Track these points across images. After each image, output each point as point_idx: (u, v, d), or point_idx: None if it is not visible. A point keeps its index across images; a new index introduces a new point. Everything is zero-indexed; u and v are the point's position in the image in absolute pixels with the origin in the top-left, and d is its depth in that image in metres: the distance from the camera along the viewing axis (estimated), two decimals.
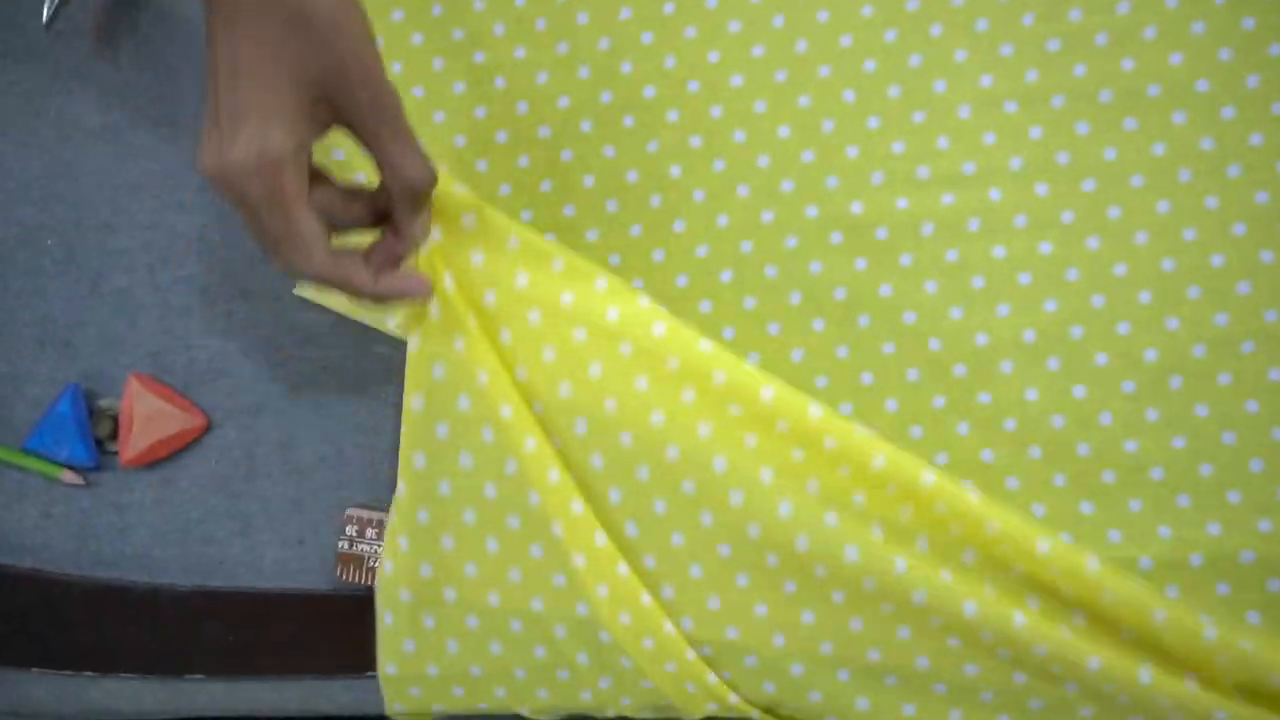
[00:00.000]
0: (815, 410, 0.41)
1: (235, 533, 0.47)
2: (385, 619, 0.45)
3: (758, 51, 0.45)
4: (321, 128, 0.37)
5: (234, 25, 0.35)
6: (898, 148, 0.44)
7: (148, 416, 0.47)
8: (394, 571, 0.45)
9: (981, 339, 0.43)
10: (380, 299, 0.40)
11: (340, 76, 0.36)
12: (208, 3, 0.36)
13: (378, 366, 0.47)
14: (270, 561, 0.47)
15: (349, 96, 0.36)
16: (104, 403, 0.48)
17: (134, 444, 0.47)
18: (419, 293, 0.41)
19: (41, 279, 0.49)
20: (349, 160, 0.46)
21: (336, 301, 0.47)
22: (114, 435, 0.47)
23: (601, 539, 0.43)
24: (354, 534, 0.46)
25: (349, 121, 0.37)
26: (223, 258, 0.48)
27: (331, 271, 0.38)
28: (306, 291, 0.47)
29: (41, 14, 0.48)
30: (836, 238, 0.44)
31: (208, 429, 0.47)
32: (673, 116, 0.46)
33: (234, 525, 0.47)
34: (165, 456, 0.47)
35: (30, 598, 0.48)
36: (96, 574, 0.48)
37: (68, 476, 0.48)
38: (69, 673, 0.48)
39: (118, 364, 0.48)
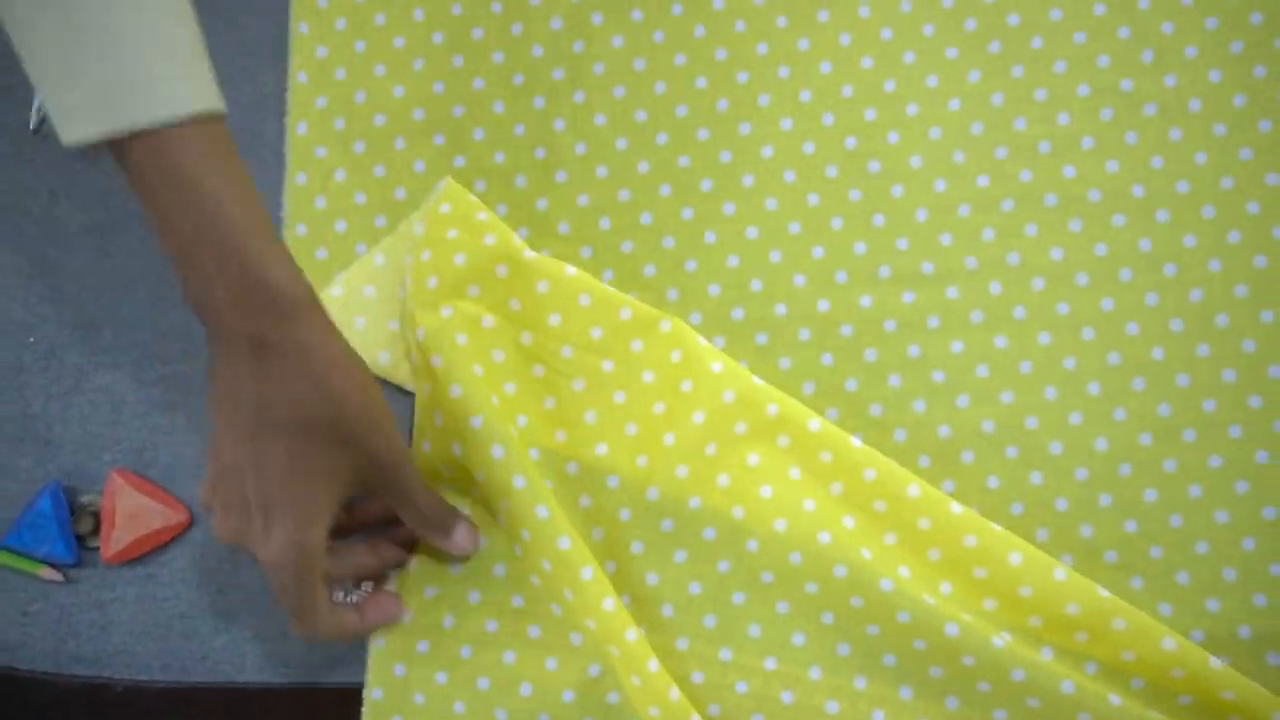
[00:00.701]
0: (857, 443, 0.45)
1: (218, 627, 0.48)
2: (374, 695, 0.45)
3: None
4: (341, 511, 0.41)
5: (276, 427, 0.37)
6: (859, 248, 0.47)
7: (130, 513, 0.47)
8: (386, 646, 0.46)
9: (944, 430, 0.45)
10: (369, 630, 0.44)
11: (374, 471, 0.40)
12: (224, 388, 0.38)
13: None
14: (253, 656, 0.47)
15: (380, 480, 0.40)
16: (85, 499, 0.48)
17: (116, 540, 0.47)
18: (396, 617, 0.45)
19: (23, 376, 0.50)
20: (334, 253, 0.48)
21: None
22: (95, 531, 0.48)
23: (610, 604, 0.43)
24: None
25: (375, 493, 0.42)
26: (207, 353, 0.49)
27: (330, 629, 0.41)
28: None
29: (29, 119, 0.49)
30: (804, 334, 0.46)
31: (190, 524, 0.48)
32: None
33: (216, 620, 0.48)
34: (148, 552, 0.48)
35: (7, 697, 0.48)
36: (76, 671, 0.48)
37: (47, 573, 0.48)
38: None
39: (99, 460, 0.49)
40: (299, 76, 0.50)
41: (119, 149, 0.34)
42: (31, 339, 0.50)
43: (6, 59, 0.47)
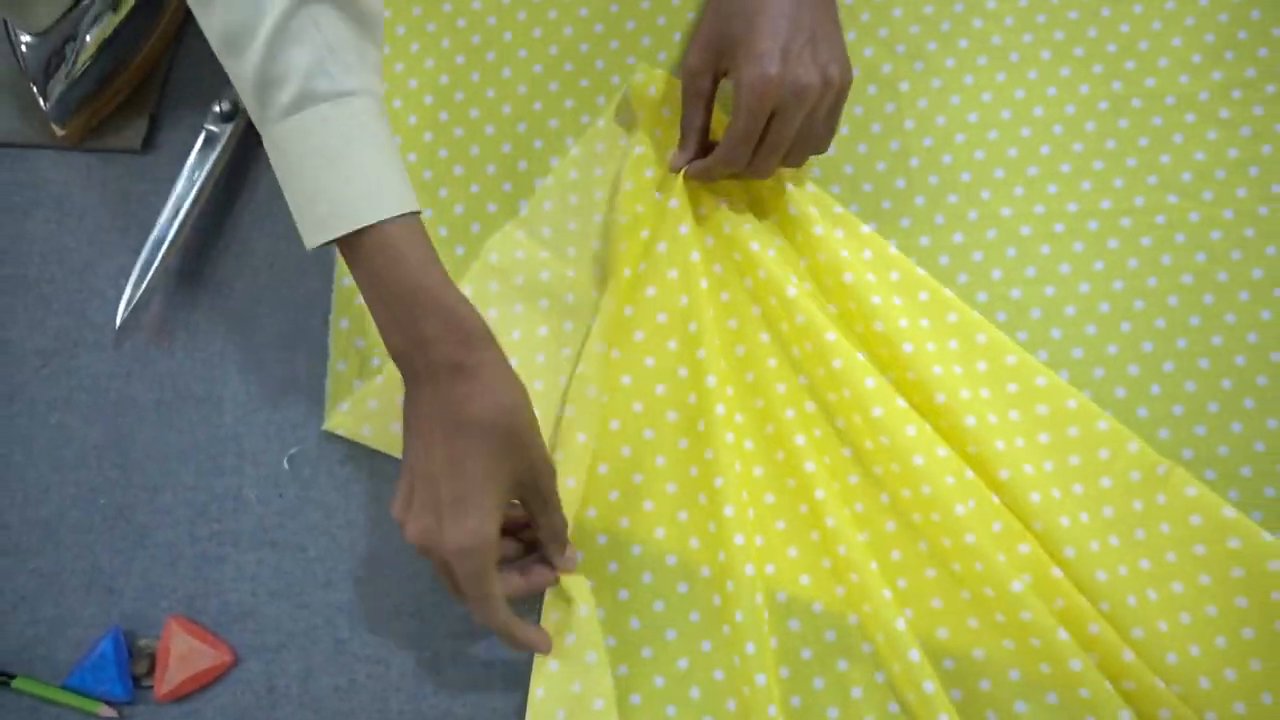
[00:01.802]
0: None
1: None
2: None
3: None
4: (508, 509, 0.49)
5: (463, 438, 0.46)
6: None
7: (182, 655, 0.54)
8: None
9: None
10: (525, 648, 0.51)
11: (532, 476, 0.49)
12: (420, 393, 0.47)
13: (386, 605, 0.55)
14: None
15: (532, 486, 0.49)
16: (143, 642, 0.55)
17: (169, 680, 0.54)
18: (544, 648, 0.52)
19: (93, 534, 0.57)
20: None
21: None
22: (150, 671, 0.54)
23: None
24: None
25: (524, 498, 0.50)
26: (255, 513, 0.57)
27: (504, 624, 0.49)
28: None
29: (115, 317, 0.59)
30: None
31: (235, 664, 0.55)
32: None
33: None
34: (196, 690, 0.54)
35: None
36: None
37: (104, 711, 0.54)
38: None
39: (157, 607, 0.56)
40: (343, 281, 0.60)
41: (348, 245, 0.46)
42: (102, 501, 0.58)
43: (100, 271, 0.58)
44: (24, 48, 0.59)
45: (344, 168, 0.45)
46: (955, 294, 0.58)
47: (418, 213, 0.47)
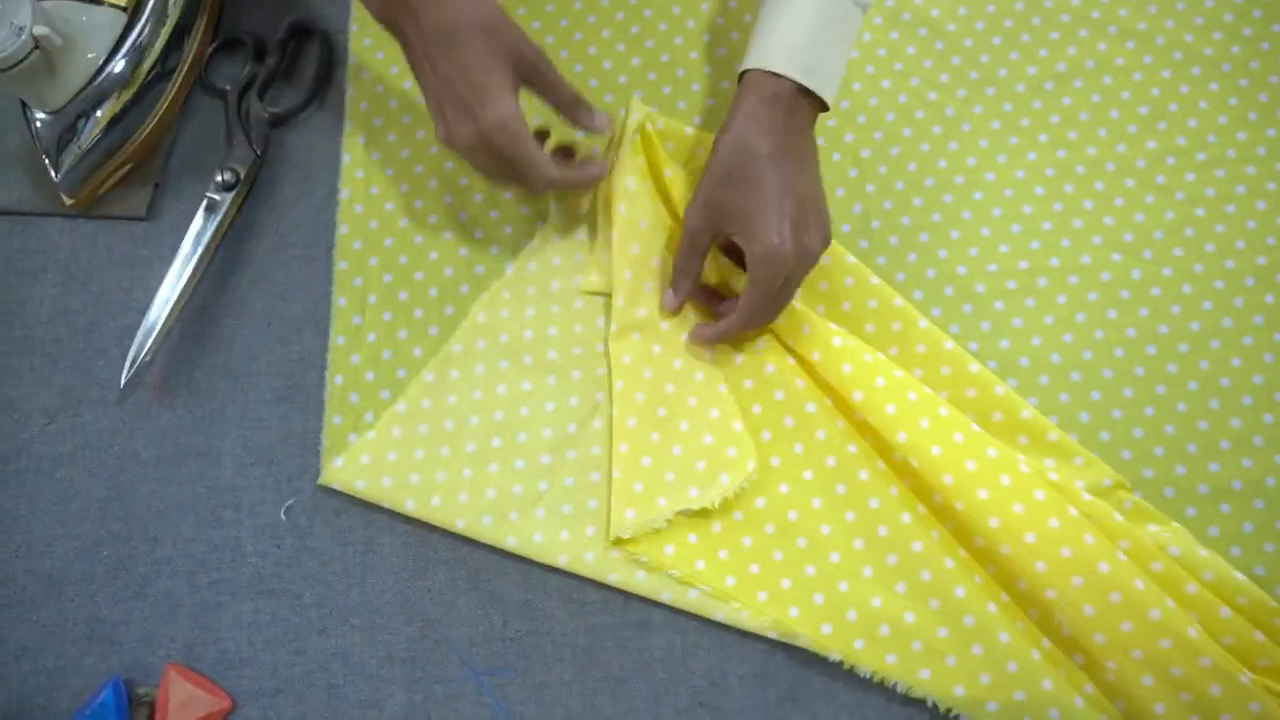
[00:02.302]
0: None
1: None
2: None
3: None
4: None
5: (452, 44, 0.54)
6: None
7: (181, 702, 0.56)
8: None
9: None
10: (583, 184, 0.61)
11: (527, 58, 0.56)
12: (413, 37, 0.55)
13: (379, 651, 0.57)
14: None
15: (531, 70, 0.57)
16: (142, 690, 0.57)
17: None
18: (603, 174, 0.62)
19: (95, 585, 0.59)
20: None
21: None
22: (150, 719, 0.56)
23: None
24: None
25: (530, 83, 0.57)
26: (252, 563, 0.59)
27: (562, 175, 0.58)
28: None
29: (119, 375, 0.61)
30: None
31: (233, 709, 0.57)
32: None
33: None
34: None
35: None
36: None
37: None
38: None
39: (156, 655, 0.58)
40: (338, 340, 0.63)
41: None
42: (105, 553, 0.60)
43: (105, 331, 0.61)
44: (39, 124, 0.63)
45: None
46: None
47: None
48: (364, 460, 0.60)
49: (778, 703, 0.55)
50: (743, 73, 0.57)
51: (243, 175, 0.65)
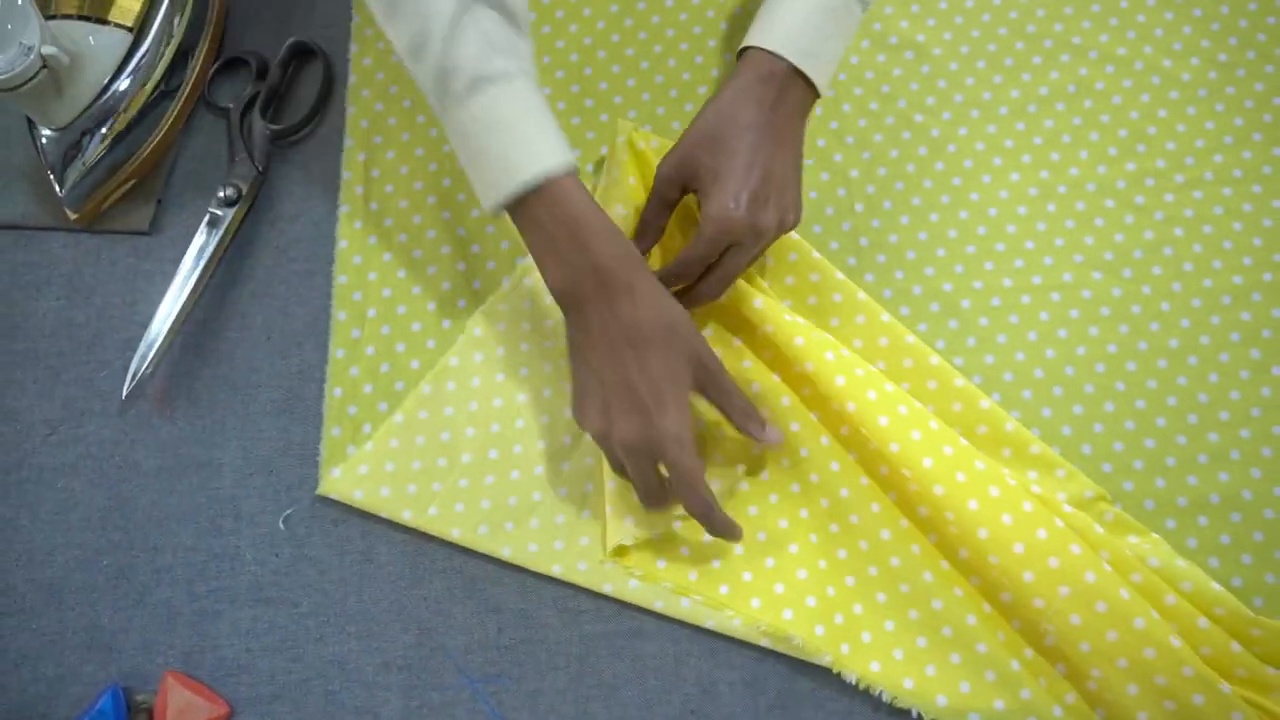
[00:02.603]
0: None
1: None
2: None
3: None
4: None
5: (642, 343, 0.54)
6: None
7: (179, 708, 0.57)
8: None
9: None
10: (722, 531, 0.56)
11: (704, 372, 0.55)
12: (598, 325, 0.54)
13: (376, 658, 0.58)
14: None
15: (708, 379, 0.55)
16: (140, 697, 0.58)
17: None
18: (737, 535, 0.57)
19: (95, 593, 0.60)
20: None
21: None
22: None
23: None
24: None
25: (704, 391, 0.56)
26: (250, 572, 0.60)
27: (709, 505, 0.54)
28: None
29: (121, 388, 0.62)
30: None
31: (231, 716, 0.57)
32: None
33: None
34: None
35: None
36: None
37: None
38: None
39: (155, 663, 0.59)
40: (338, 353, 0.64)
41: (520, 204, 0.54)
42: (105, 562, 0.61)
43: (107, 344, 0.62)
44: (44, 140, 0.64)
45: (515, 134, 0.53)
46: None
47: (574, 168, 0.54)
48: (362, 471, 0.61)
49: (767, 710, 0.56)
50: (741, 50, 0.59)
51: (244, 191, 0.67)
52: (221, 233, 0.66)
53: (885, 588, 0.58)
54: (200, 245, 0.65)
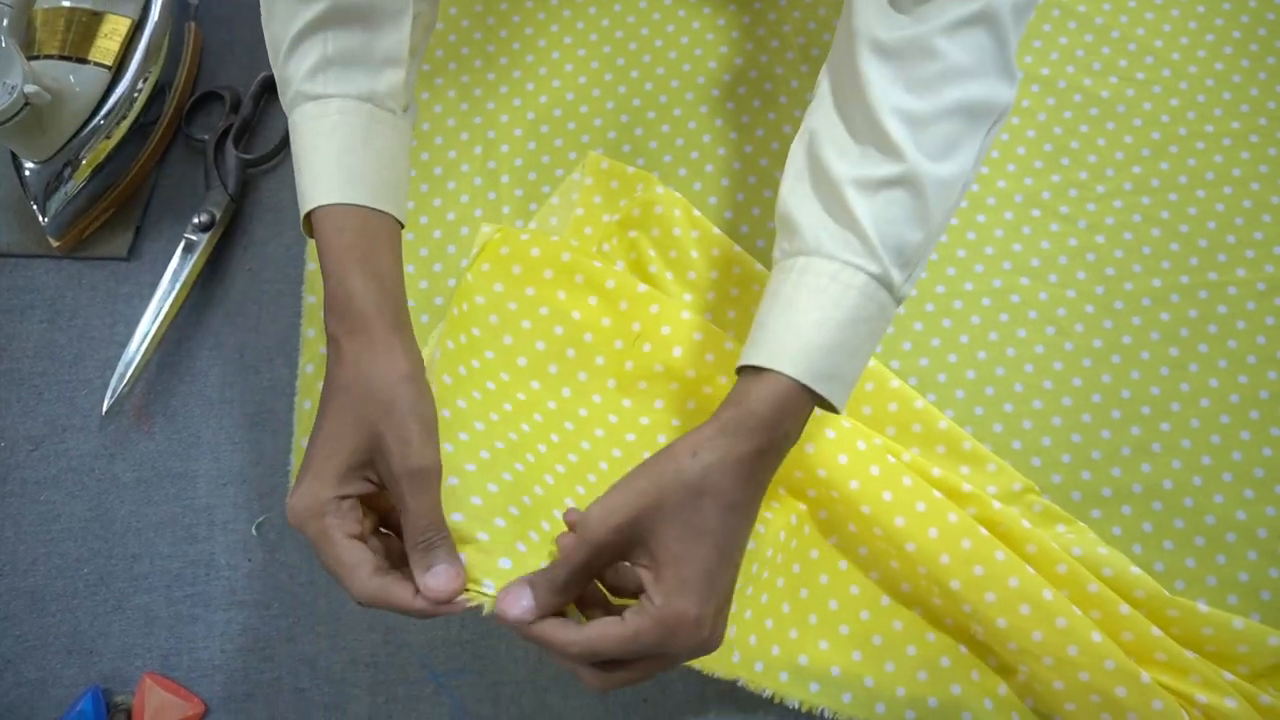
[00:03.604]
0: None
1: None
2: None
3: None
4: (368, 484, 0.47)
5: (330, 400, 0.47)
6: None
7: (157, 708, 0.59)
8: None
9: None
10: (424, 613, 0.45)
11: (385, 440, 0.45)
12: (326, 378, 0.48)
13: (344, 656, 0.61)
14: None
15: (387, 470, 0.46)
16: (119, 698, 0.60)
17: None
18: (456, 589, 0.45)
19: (75, 599, 0.63)
20: None
21: None
22: None
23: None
24: None
25: (385, 474, 0.46)
26: (225, 577, 0.63)
27: (375, 594, 0.45)
28: None
29: (101, 404, 0.66)
30: None
31: (206, 714, 0.60)
32: None
33: None
34: None
35: None
36: None
37: None
38: None
39: (133, 665, 0.61)
40: (307, 368, 0.68)
41: (310, 227, 0.50)
42: (85, 570, 0.64)
43: (88, 364, 0.65)
44: (27, 172, 0.68)
45: (310, 157, 0.51)
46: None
47: (349, 207, 0.50)
48: None
49: (717, 699, 0.59)
50: (744, 367, 0.48)
51: (218, 217, 0.70)
52: (196, 257, 0.69)
53: (816, 608, 0.60)
54: (176, 269, 0.69)
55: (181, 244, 0.70)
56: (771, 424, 0.46)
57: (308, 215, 0.50)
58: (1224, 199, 0.70)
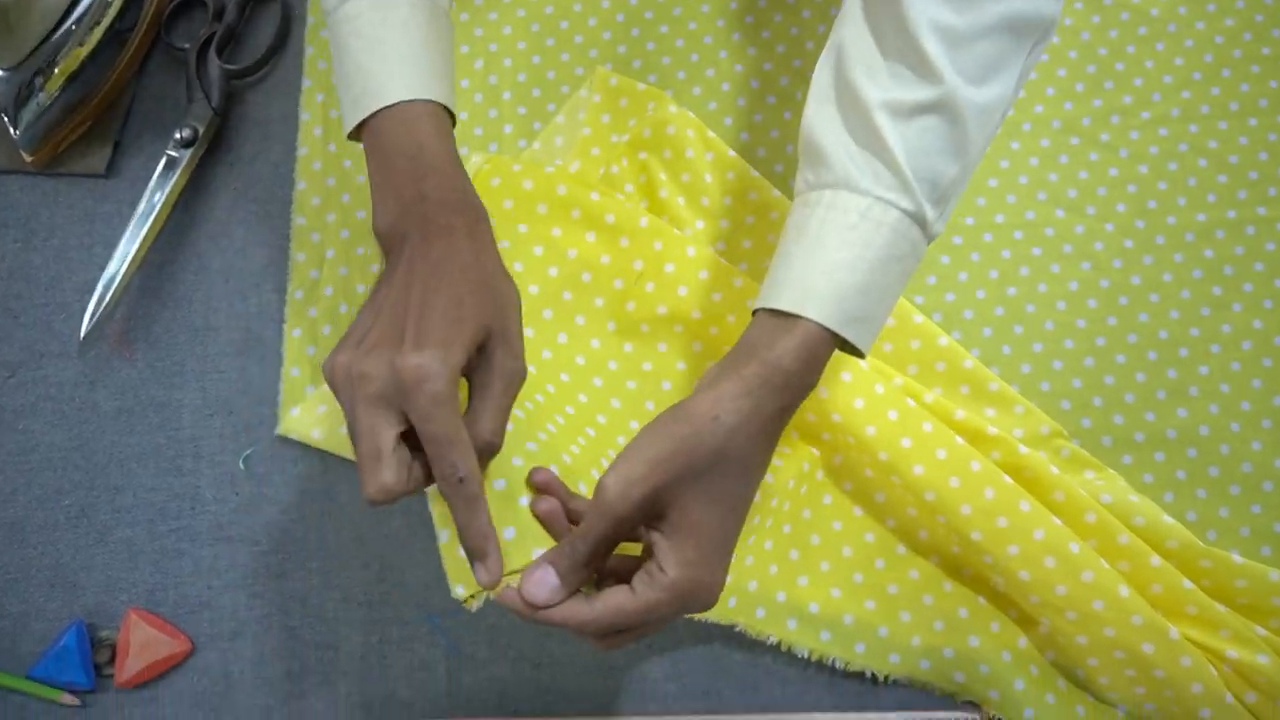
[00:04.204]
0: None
1: None
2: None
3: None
4: (468, 367, 0.45)
5: (445, 276, 0.45)
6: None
7: (142, 644, 0.57)
8: None
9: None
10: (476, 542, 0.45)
11: (496, 336, 0.45)
12: (407, 251, 0.46)
13: (335, 594, 0.59)
14: None
15: (494, 351, 0.46)
16: (104, 633, 0.58)
17: (129, 668, 0.57)
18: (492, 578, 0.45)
19: (57, 532, 0.61)
20: None
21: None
22: (111, 660, 0.57)
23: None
24: None
25: (481, 367, 0.46)
26: (211, 511, 0.60)
27: (475, 472, 0.43)
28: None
29: (80, 329, 0.62)
30: None
31: (193, 652, 0.58)
32: None
33: None
34: (155, 677, 0.57)
35: None
36: None
37: (66, 699, 0.57)
38: None
39: (118, 600, 0.59)
40: (297, 295, 0.64)
41: (369, 128, 0.48)
42: (66, 502, 0.61)
43: (66, 286, 0.61)
44: None
45: (377, 50, 0.48)
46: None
47: (443, 105, 0.49)
48: (320, 411, 0.61)
49: (723, 643, 0.57)
50: (761, 310, 0.45)
51: (201, 132, 0.66)
52: (178, 174, 0.65)
53: (829, 555, 0.58)
54: (157, 187, 0.65)
55: (163, 161, 0.65)
56: (799, 379, 0.44)
57: (380, 111, 0.47)
58: (1277, 128, 0.65)
